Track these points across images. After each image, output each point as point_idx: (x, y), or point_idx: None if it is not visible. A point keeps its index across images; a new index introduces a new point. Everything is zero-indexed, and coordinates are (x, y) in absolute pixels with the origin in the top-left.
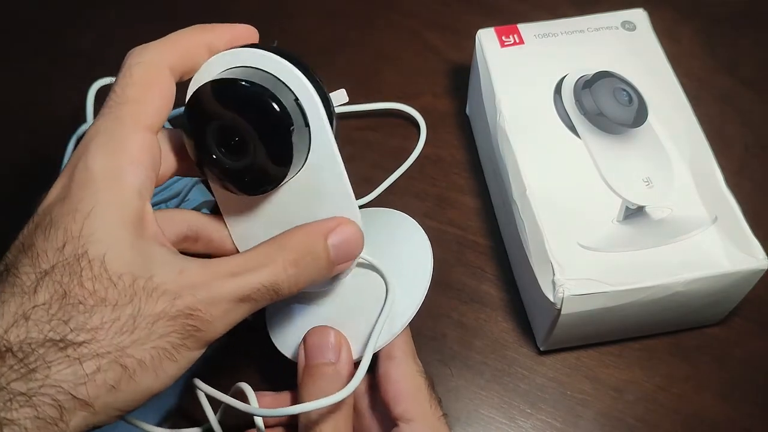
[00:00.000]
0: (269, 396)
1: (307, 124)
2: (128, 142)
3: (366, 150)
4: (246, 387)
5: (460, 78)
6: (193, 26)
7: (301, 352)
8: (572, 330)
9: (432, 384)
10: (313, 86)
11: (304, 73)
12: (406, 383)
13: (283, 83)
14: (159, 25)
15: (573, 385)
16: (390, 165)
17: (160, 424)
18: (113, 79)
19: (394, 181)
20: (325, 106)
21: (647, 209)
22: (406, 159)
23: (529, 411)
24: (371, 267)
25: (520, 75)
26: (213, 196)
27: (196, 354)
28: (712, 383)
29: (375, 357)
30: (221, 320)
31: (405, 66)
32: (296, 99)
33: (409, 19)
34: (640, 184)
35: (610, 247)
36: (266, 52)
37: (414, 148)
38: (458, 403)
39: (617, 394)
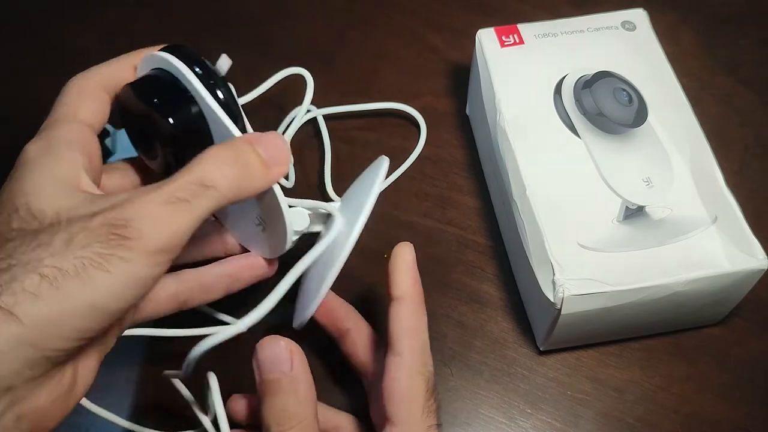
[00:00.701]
0: (246, 398)
1: (198, 108)
2: (60, 129)
3: (366, 150)
4: (211, 377)
5: (460, 78)
6: (126, 53)
7: (255, 367)
8: (572, 330)
9: (433, 390)
10: (203, 73)
11: (195, 67)
12: (402, 385)
13: (175, 78)
14: (159, 25)
15: (573, 385)
16: (390, 165)
17: (157, 426)
18: None
19: (394, 181)
20: (212, 88)
21: (647, 209)
22: (406, 159)
23: (529, 411)
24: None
25: (520, 75)
26: None
27: (138, 268)
28: (712, 383)
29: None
30: (153, 227)
31: (405, 66)
32: (185, 91)
33: (409, 19)
34: (640, 184)
35: (610, 247)
36: (163, 53)
37: (414, 148)
38: (458, 403)
39: (617, 394)
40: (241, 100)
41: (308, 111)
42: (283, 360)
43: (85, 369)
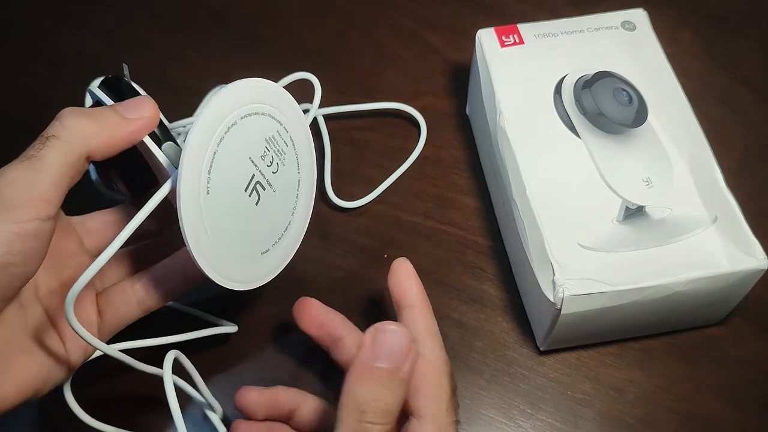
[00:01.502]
0: (255, 391)
1: None
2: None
3: (366, 150)
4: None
5: (460, 78)
6: None
7: (367, 344)
8: (572, 330)
9: (455, 389)
10: (112, 86)
11: (108, 89)
12: (430, 381)
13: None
14: (159, 27)
15: (573, 385)
16: (390, 165)
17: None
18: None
19: (394, 181)
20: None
21: (647, 209)
22: (406, 159)
23: (529, 411)
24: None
25: (520, 75)
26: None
27: (11, 226)
28: (712, 383)
29: None
30: (7, 187)
31: (405, 66)
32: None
33: (409, 19)
34: (640, 184)
35: (610, 247)
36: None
37: (414, 148)
38: (458, 402)
39: (617, 394)
40: None
41: (307, 111)
42: (403, 356)
43: (15, 367)
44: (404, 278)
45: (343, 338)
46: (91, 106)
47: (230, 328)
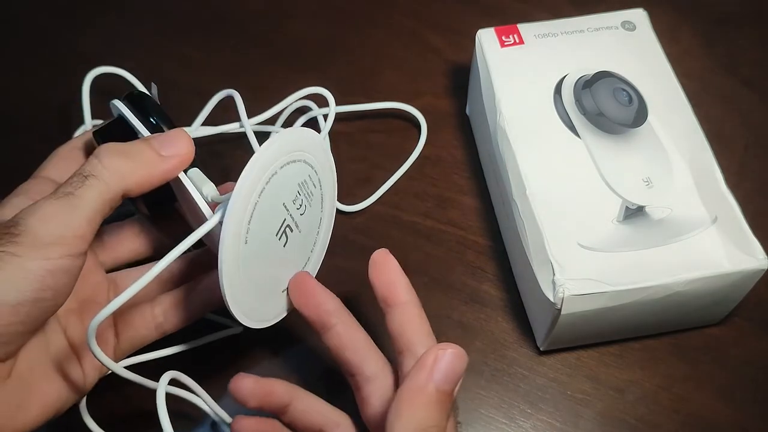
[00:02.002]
0: (250, 379)
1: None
2: (23, 185)
3: (366, 150)
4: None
5: (460, 78)
6: None
7: (429, 363)
8: (572, 330)
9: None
10: (138, 107)
11: (135, 105)
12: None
13: (123, 117)
14: (159, 27)
15: (573, 385)
16: (390, 165)
17: None
18: (108, 69)
19: (395, 182)
20: (146, 117)
21: (647, 209)
22: (407, 159)
23: (529, 411)
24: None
25: (520, 75)
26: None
27: (28, 261)
28: (712, 383)
29: None
30: (39, 222)
31: (405, 66)
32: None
33: (409, 19)
34: (640, 184)
35: (610, 247)
36: (116, 100)
37: (414, 148)
38: (458, 403)
39: (618, 394)
40: (259, 117)
41: (309, 110)
42: (458, 378)
43: (38, 392)
44: (391, 273)
45: (336, 326)
46: (112, 120)
47: (235, 330)
